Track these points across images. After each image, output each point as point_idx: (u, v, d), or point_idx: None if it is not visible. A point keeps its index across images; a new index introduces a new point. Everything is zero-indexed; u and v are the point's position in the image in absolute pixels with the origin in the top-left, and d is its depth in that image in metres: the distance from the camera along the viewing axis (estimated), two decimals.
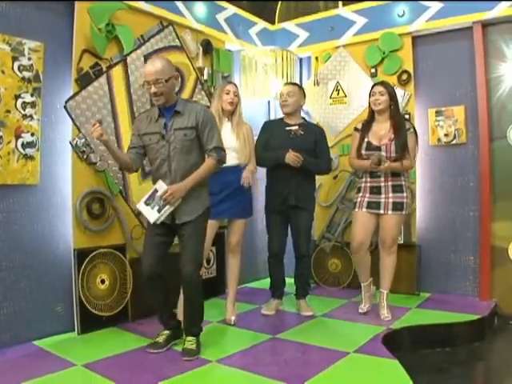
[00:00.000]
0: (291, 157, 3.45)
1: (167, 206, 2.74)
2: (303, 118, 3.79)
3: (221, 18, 4.28)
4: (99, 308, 3.29)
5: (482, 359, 3.28)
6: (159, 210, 2.76)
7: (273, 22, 4.98)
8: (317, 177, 3.89)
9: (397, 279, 3.69)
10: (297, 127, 3.63)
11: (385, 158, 3.31)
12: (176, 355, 2.83)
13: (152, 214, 2.78)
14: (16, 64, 2.93)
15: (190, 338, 2.84)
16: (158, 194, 2.74)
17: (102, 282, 3.35)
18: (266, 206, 3.78)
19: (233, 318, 3.45)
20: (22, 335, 3.01)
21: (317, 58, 4.66)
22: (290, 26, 4.82)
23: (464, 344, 3.34)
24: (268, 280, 3.92)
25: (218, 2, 4.30)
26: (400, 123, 3.39)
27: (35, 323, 3.08)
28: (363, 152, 3.42)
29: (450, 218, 4.12)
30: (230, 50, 4.42)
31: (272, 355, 2.90)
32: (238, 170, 3.43)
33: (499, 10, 3.71)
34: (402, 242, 4.09)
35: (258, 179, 3.87)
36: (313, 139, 3.62)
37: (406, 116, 4.13)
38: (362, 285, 3.63)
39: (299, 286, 3.76)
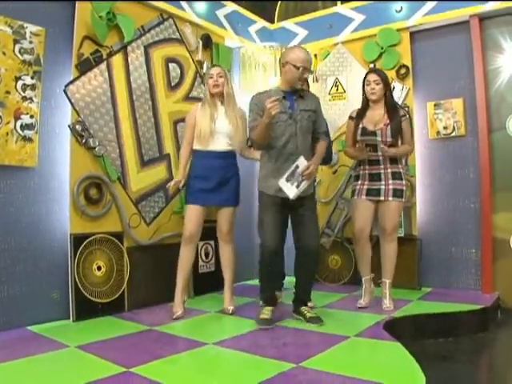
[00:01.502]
0: None
1: (304, 182, 2.92)
2: None
3: (221, 14, 4.34)
4: (95, 295, 3.24)
5: (486, 348, 3.20)
6: (297, 186, 2.92)
7: (272, 22, 5.05)
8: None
9: (397, 273, 3.60)
10: None
11: (381, 144, 3.33)
12: (171, 338, 2.79)
13: (292, 190, 2.93)
14: (17, 46, 2.96)
15: (306, 308, 3.12)
16: (299, 169, 2.90)
17: (99, 268, 3.31)
18: None
19: (231, 307, 3.39)
20: (16, 320, 2.96)
21: (316, 56, 4.69)
22: (289, 24, 4.89)
23: (467, 334, 3.27)
24: None
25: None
26: (394, 108, 3.41)
27: (30, 308, 3.04)
28: (359, 138, 3.42)
29: (450, 211, 4.09)
30: (229, 47, 4.46)
31: (270, 339, 2.83)
32: (229, 155, 3.40)
33: (495, 3, 3.76)
34: (402, 235, 4.05)
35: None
36: None
37: (406, 109, 4.14)
38: (364, 279, 3.57)
39: None
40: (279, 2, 5.09)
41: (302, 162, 2.91)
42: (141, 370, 2.23)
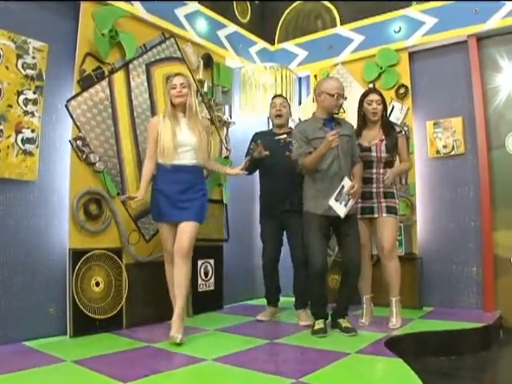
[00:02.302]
0: None
1: (351, 201, 3.12)
2: (290, 128, 3.84)
3: (222, 34, 4.41)
4: (93, 311, 3.20)
5: (488, 366, 3.14)
6: (345, 205, 3.11)
7: (273, 44, 5.13)
8: None
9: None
10: (285, 135, 3.71)
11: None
12: (169, 354, 2.74)
13: (341, 209, 3.11)
14: (20, 61, 3.00)
15: (344, 320, 3.23)
16: (345, 189, 3.10)
17: (97, 284, 3.27)
18: (261, 213, 3.84)
19: (179, 335, 2.90)
20: (12, 334, 2.92)
21: (316, 76, 4.75)
22: (289, 45, 4.97)
23: (469, 352, 3.21)
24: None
25: (220, 20, 4.45)
26: (389, 125, 3.47)
27: (26, 323, 3.00)
28: None
29: (451, 230, 4.07)
30: (230, 67, 4.51)
31: (270, 355, 2.79)
32: (196, 170, 3.21)
33: (493, 23, 3.82)
34: (402, 254, 4.02)
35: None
36: None
37: (405, 128, 4.17)
38: (364, 298, 3.54)
39: (298, 296, 3.67)
40: (279, 24, 5.17)
41: (346, 183, 3.12)
42: None
